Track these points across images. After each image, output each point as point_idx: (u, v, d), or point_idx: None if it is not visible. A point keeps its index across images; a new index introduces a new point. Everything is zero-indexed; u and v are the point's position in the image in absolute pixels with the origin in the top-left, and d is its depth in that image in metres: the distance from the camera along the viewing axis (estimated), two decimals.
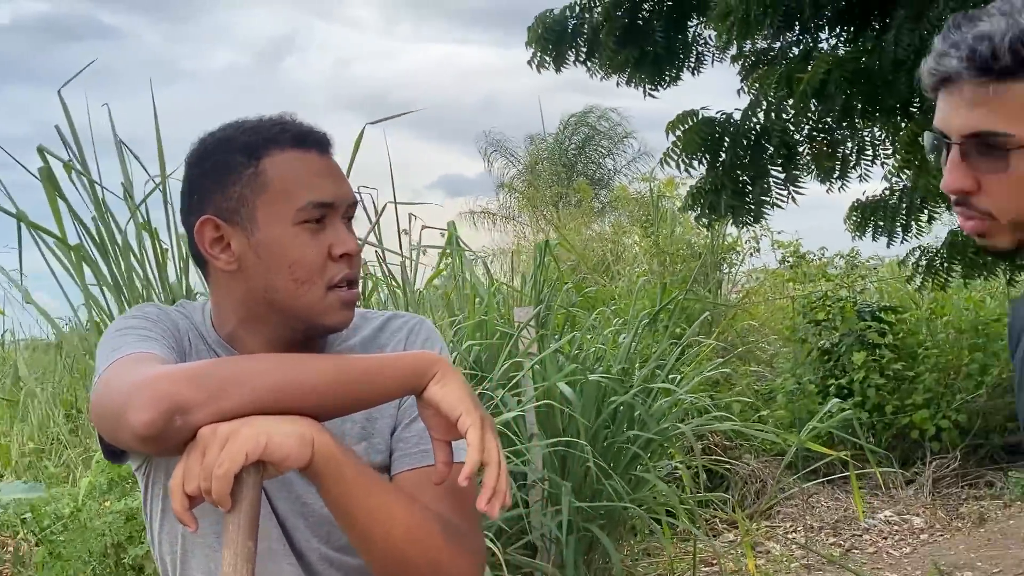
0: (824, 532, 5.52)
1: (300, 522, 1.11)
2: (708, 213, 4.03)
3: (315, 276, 1.06)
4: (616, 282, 8.38)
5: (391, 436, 1.15)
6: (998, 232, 0.98)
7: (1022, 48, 0.89)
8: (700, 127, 3.81)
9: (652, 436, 3.78)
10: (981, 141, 0.94)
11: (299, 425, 0.92)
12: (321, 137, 1.12)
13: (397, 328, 1.21)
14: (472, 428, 0.96)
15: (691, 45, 4.60)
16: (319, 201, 1.07)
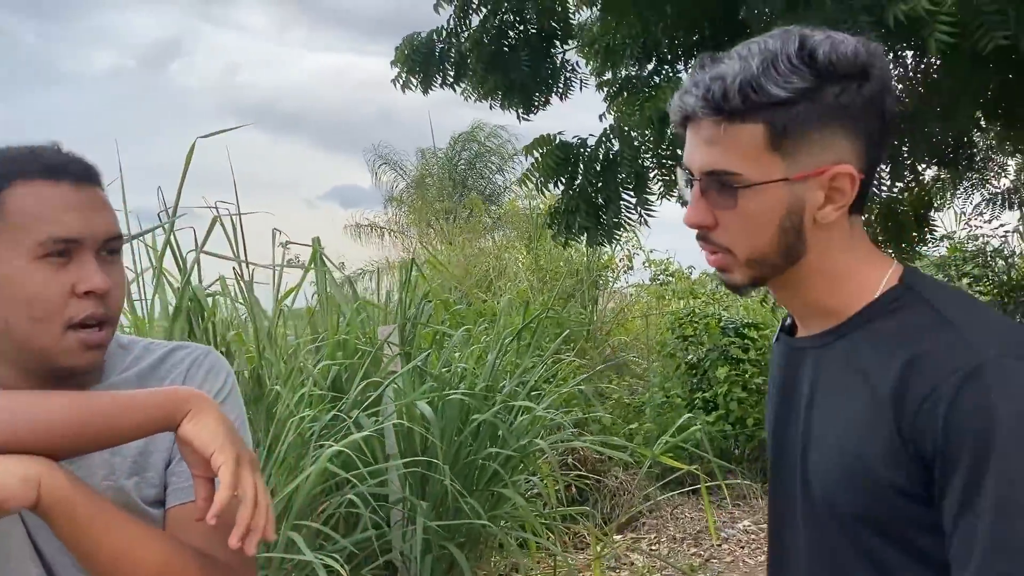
0: (686, 543, 5.71)
1: (65, 559, 1.07)
2: (565, 232, 4.15)
3: (52, 314, 1.03)
4: (498, 298, 8.46)
5: (165, 470, 1.13)
6: (735, 267, 1.01)
7: (750, 91, 0.92)
8: (556, 151, 3.93)
9: (511, 453, 3.84)
10: (716, 178, 0.97)
11: (24, 465, 0.90)
12: (78, 168, 1.07)
13: (179, 360, 1.19)
14: (224, 466, 0.96)
15: (559, 71, 4.72)
16: (61, 236, 1.03)
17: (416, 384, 3.91)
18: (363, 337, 4.16)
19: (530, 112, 4.61)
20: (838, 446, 0.97)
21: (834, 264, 1.00)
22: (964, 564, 0.88)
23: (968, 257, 8.18)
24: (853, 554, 0.97)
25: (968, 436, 0.86)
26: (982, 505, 0.86)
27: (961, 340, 0.90)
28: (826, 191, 0.96)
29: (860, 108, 0.95)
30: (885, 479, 0.92)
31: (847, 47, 0.94)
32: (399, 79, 4.24)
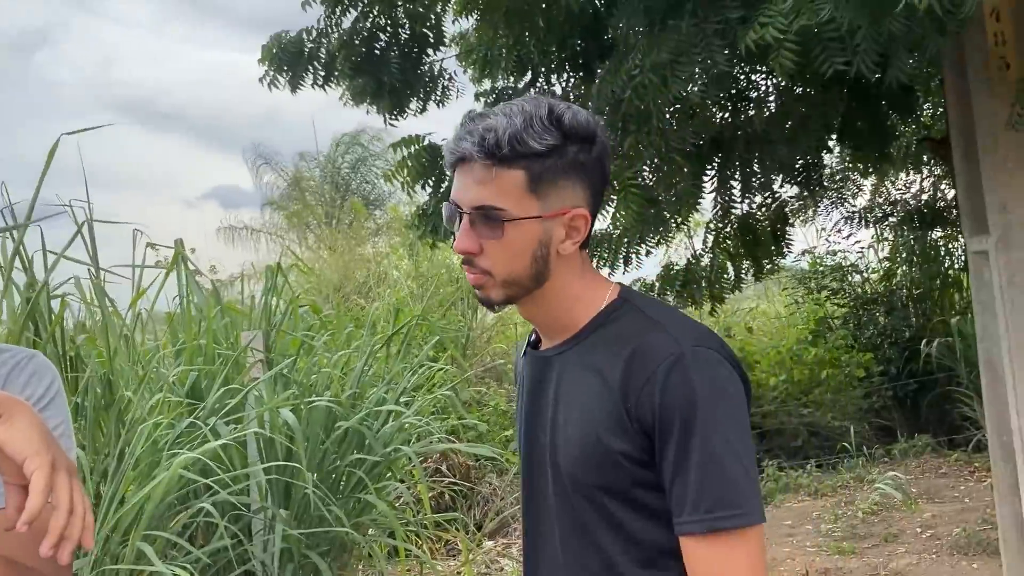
0: None
1: None
2: (430, 234, 4.15)
3: None
4: (376, 304, 8.39)
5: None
6: (493, 287, 1.21)
7: (516, 143, 1.14)
8: (423, 152, 3.93)
9: (377, 459, 3.81)
10: (484, 213, 1.17)
11: None
12: None
13: (1, 363, 1.16)
14: (39, 471, 0.93)
15: (437, 78, 4.72)
16: None
17: (280, 391, 3.84)
18: (225, 343, 4.05)
19: (400, 116, 4.58)
20: (579, 429, 1.19)
21: (570, 287, 1.24)
22: (679, 511, 1.13)
23: (827, 272, 8.65)
24: (596, 517, 1.19)
25: (677, 408, 1.12)
26: (691, 461, 1.11)
27: (667, 336, 1.16)
28: (566, 228, 1.20)
29: (591, 165, 1.20)
30: (617, 450, 1.15)
31: (582, 116, 1.19)
32: (266, 77, 4.15)
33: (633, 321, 1.20)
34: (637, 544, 1.19)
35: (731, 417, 1.14)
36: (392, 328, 4.59)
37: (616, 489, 1.17)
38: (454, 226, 1.22)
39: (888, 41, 2.47)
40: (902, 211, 8.28)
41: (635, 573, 1.19)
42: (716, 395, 1.13)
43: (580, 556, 1.23)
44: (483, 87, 4.97)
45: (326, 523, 3.71)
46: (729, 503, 1.11)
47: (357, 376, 4.16)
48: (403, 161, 3.90)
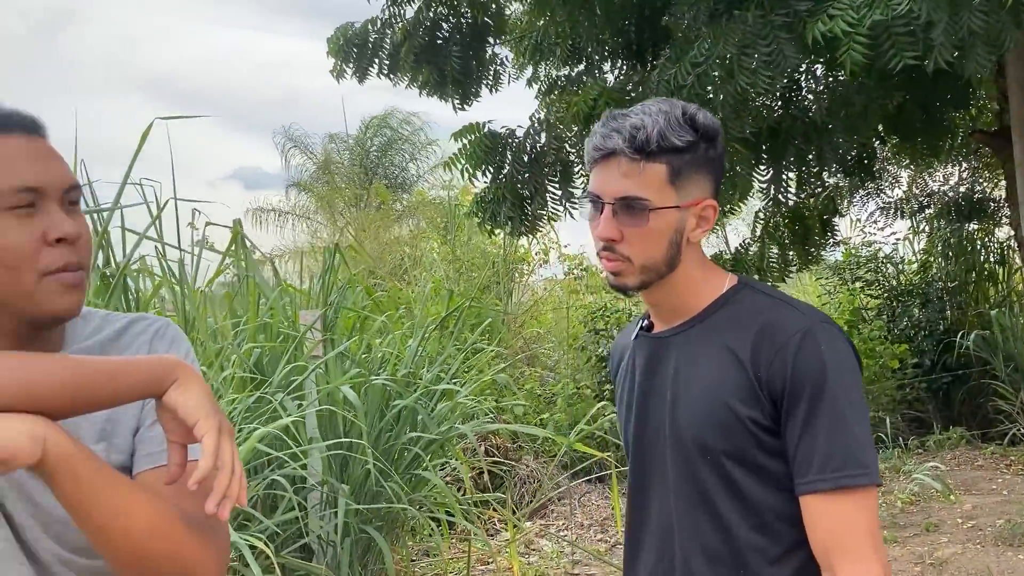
0: (592, 529, 5.88)
1: (32, 523, 1.08)
2: (490, 221, 4.23)
3: (24, 262, 1.02)
4: (412, 287, 8.48)
5: (133, 437, 1.14)
6: (630, 273, 1.31)
7: (661, 140, 1.26)
8: (484, 140, 4.00)
9: (434, 437, 3.90)
10: (628, 203, 1.28)
11: (29, 423, 0.91)
12: (27, 120, 1.07)
13: (141, 330, 1.19)
14: (208, 435, 0.97)
15: (488, 64, 4.79)
16: (24, 186, 1.03)
17: (338, 369, 3.92)
18: (285, 321, 4.14)
19: (465, 104, 4.66)
20: (707, 399, 1.29)
21: (695, 272, 1.35)
22: (806, 471, 1.24)
23: (861, 262, 8.65)
24: (718, 483, 1.29)
25: (808, 376, 1.24)
26: (819, 424, 1.23)
27: (795, 311, 1.30)
28: (697, 218, 1.32)
29: (717, 160, 1.33)
30: (746, 416, 1.26)
31: (710, 117, 1.32)
32: (335, 69, 4.24)
33: (757, 301, 1.33)
34: (754, 508, 1.29)
35: (854, 386, 1.26)
36: (445, 310, 4.67)
37: (741, 454, 1.28)
38: (589, 215, 1.33)
39: (967, 35, 2.51)
40: (939, 203, 8.27)
41: (750, 537, 1.29)
42: (842, 365, 1.25)
43: (696, 523, 1.32)
44: (535, 74, 5.03)
45: (381, 498, 3.80)
46: (856, 462, 1.22)
47: (411, 356, 4.24)
48: (464, 148, 3.97)
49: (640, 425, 1.39)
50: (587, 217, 1.35)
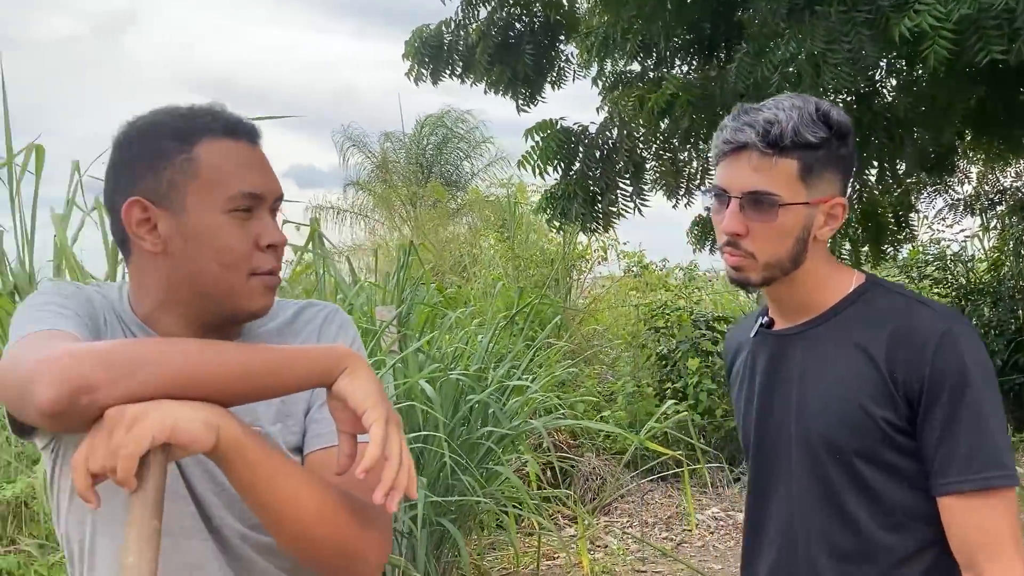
0: (657, 527, 5.88)
1: (215, 500, 1.12)
2: (559, 217, 4.26)
3: (240, 263, 1.08)
4: (471, 284, 8.55)
5: (305, 417, 1.18)
6: (753, 269, 1.31)
7: (795, 135, 1.25)
8: (557, 136, 4.03)
9: (507, 432, 3.95)
10: (756, 197, 1.27)
11: (205, 411, 0.94)
12: (251, 128, 1.13)
13: (311, 317, 1.23)
14: (376, 424, 0.98)
15: (554, 61, 4.81)
16: (249, 192, 1.09)
17: (413, 364, 3.99)
18: (362, 316, 4.23)
19: (532, 103, 4.69)
20: (837, 398, 1.28)
21: (820, 270, 1.33)
22: (946, 472, 1.23)
23: (929, 260, 8.49)
24: (847, 482, 1.28)
25: (947, 377, 1.22)
26: (960, 425, 1.22)
27: (932, 312, 1.28)
28: (826, 216, 1.31)
29: (848, 158, 1.32)
30: (879, 416, 1.25)
31: (842, 114, 1.31)
32: (412, 72, 4.30)
33: (891, 301, 1.31)
34: (886, 507, 1.28)
35: (993, 387, 1.25)
36: (516, 306, 4.72)
37: (872, 453, 1.27)
38: (718, 210, 1.32)
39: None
40: (1012, 200, 8.07)
41: (881, 535, 1.28)
42: (981, 366, 1.24)
43: (822, 521, 1.31)
44: (600, 70, 5.04)
45: (455, 491, 3.86)
46: (999, 464, 1.22)
47: (483, 352, 4.30)
48: (537, 145, 4.00)
49: (762, 423, 1.38)
50: (711, 211, 1.34)
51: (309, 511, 1.02)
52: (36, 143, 3.63)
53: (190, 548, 1.12)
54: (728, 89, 3.47)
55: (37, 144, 3.63)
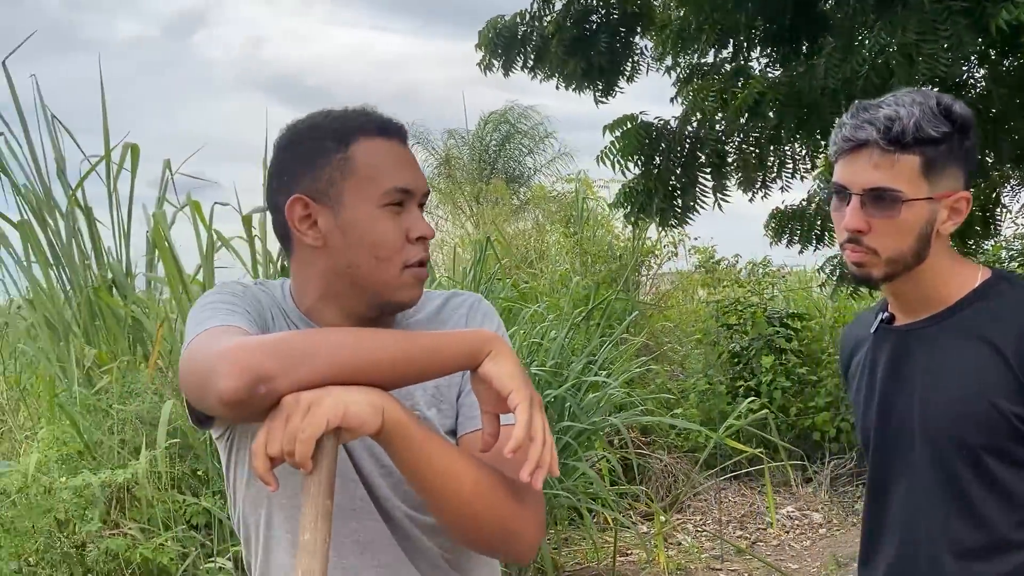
0: (731, 526, 5.82)
1: (382, 482, 1.18)
2: (637, 213, 4.22)
3: (394, 255, 1.14)
4: (539, 279, 8.55)
5: (456, 401, 1.23)
6: (876, 265, 1.31)
7: (917, 131, 1.26)
8: (638, 130, 4.00)
9: (585, 427, 3.95)
10: (878, 194, 1.28)
11: (371, 395, 1.00)
12: (400, 127, 1.20)
13: (457, 305, 1.29)
14: (521, 406, 1.02)
15: (630, 55, 4.78)
16: (402, 187, 1.15)
17: None
18: None
19: (608, 96, 4.65)
20: (963, 393, 1.27)
21: (942, 265, 1.33)
22: None
23: (1013, 255, 8.21)
24: (974, 477, 1.27)
25: None
26: None
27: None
28: (949, 210, 1.31)
29: (971, 152, 1.32)
30: (1011, 412, 1.24)
31: (965, 107, 1.30)
32: (483, 62, 4.32)
33: (1021, 295, 1.31)
34: (1015, 504, 1.27)
35: None
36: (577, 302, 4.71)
37: (1001, 449, 1.26)
38: (838, 207, 1.32)
39: None
40: None
41: (1011, 534, 1.27)
42: None
43: (946, 518, 1.30)
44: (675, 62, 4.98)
45: None
46: None
47: (558, 347, 4.31)
48: (617, 139, 3.98)
49: (883, 419, 1.38)
50: (831, 208, 1.34)
51: (467, 488, 1.07)
52: (132, 143, 3.76)
53: (362, 527, 1.18)
54: (816, 86, 3.40)
55: (132, 144, 3.76)
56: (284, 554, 1.17)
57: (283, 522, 1.18)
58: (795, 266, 9.04)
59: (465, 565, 1.24)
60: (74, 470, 2.79)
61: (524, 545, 1.14)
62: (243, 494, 1.21)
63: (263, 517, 1.19)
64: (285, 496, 1.13)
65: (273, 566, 1.20)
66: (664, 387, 7.22)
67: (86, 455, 3.02)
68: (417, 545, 1.20)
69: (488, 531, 1.11)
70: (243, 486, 1.21)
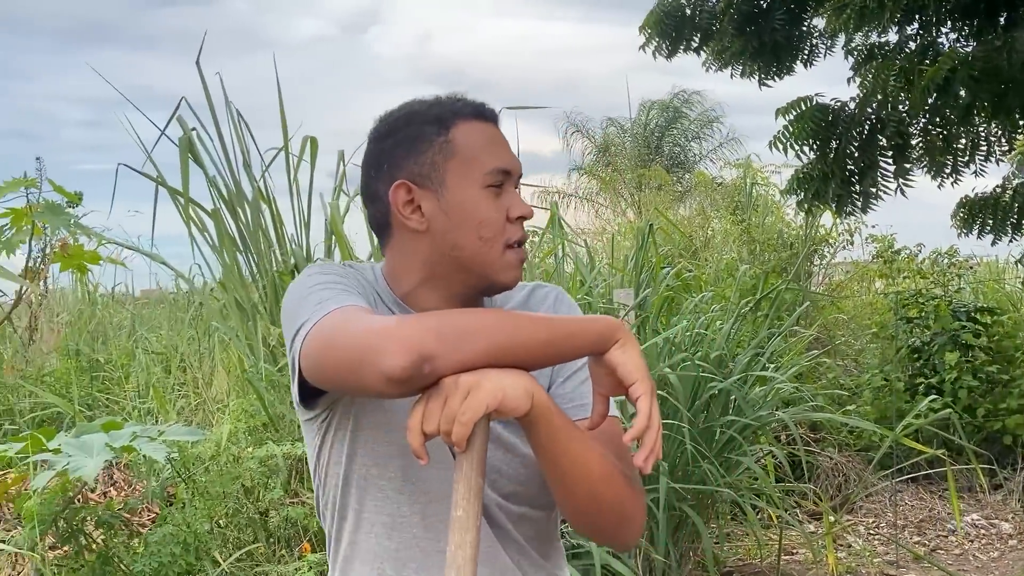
0: (908, 531, 5.49)
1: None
2: (812, 199, 4.04)
3: (497, 235, 1.16)
4: (704, 268, 8.36)
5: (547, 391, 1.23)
6: None
7: None
8: (813, 113, 3.82)
9: (749, 422, 3.83)
10: None
11: (524, 379, 1.02)
12: (492, 111, 1.22)
13: (543, 297, 1.30)
14: (644, 396, 1.05)
15: (806, 36, 4.58)
16: (502, 168, 1.17)
17: (651, 348, 3.97)
18: (599, 300, 4.26)
19: (774, 78, 4.48)
20: None
21: None
22: None
23: None
24: None
25: None
26: None
27: None
28: None
29: None
30: None
31: None
32: (648, 44, 4.26)
33: None
34: None
35: None
36: (744, 292, 4.56)
37: None
38: None
39: None
40: None
41: None
42: None
43: None
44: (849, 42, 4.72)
45: (693, 479, 3.81)
46: None
47: (724, 338, 4.19)
48: (791, 123, 3.82)
49: None
50: None
51: (596, 472, 1.10)
52: (311, 136, 3.98)
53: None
54: (1017, 59, 3.13)
55: (312, 136, 3.98)
56: (371, 536, 1.20)
57: (376, 504, 1.20)
58: (985, 256, 8.38)
59: (547, 554, 1.27)
60: (260, 441, 3.01)
61: (634, 530, 1.17)
62: (337, 475, 1.22)
63: (354, 499, 1.21)
64: (384, 478, 1.17)
65: (361, 547, 1.21)
66: (836, 383, 6.89)
67: (270, 427, 3.24)
68: (505, 534, 1.22)
69: (608, 515, 1.14)
70: (339, 467, 1.21)
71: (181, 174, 3.72)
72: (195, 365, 4.32)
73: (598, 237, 9.74)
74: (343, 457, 1.21)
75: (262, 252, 3.81)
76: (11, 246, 4.01)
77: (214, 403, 3.93)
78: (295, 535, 2.99)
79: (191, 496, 2.77)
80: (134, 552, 2.60)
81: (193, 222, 3.80)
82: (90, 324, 5.80)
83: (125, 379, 4.65)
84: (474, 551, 0.98)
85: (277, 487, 2.85)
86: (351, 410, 1.18)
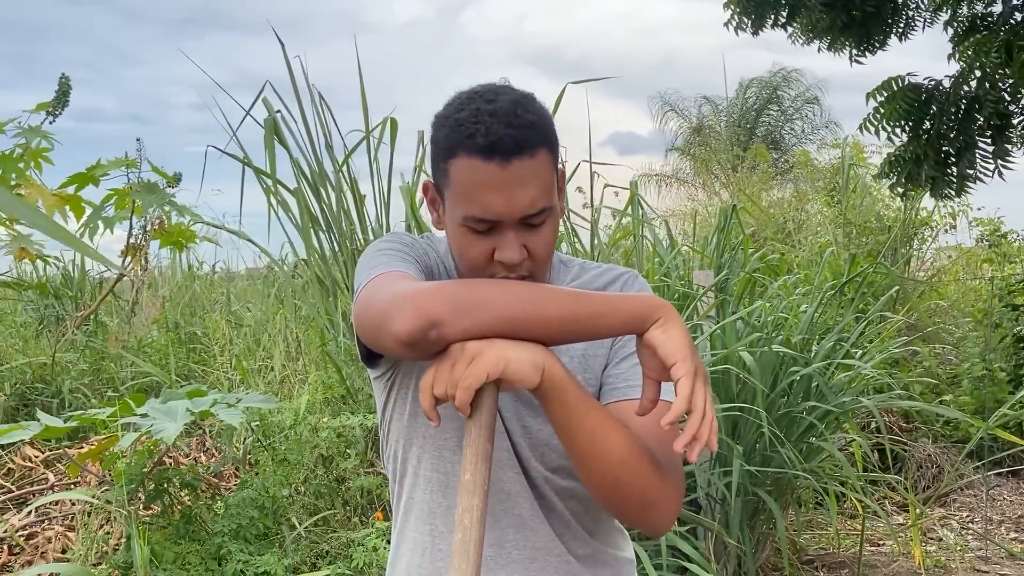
0: (1004, 526, 5.25)
1: (523, 441, 1.23)
2: (905, 183, 3.87)
3: (479, 269, 1.15)
4: (796, 251, 8.14)
5: (602, 372, 1.24)
6: None
7: None
8: (905, 93, 3.66)
9: (831, 408, 3.73)
10: None
11: (533, 352, 1.02)
12: (510, 145, 1.10)
13: (613, 279, 1.30)
14: (684, 378, 1.00)
15: (901, 9, 4.39)
16: (480, 218, 1.11)
17: (731, 331, 3.90)
18: (679, 281, 4.21)
19: (865, 53, 4.31)
20: None
21: None
22: None
23: None
24: None
25: None
26: None
27: None
28: None
29: None
30: None
31: None
32: (731, 22, 4.16)
33: None
34: None
35: None
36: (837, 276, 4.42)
37: None
38: None
39: None
40: None
41: None
42: None
43: None
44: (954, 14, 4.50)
45: (770, 463, 3.74)
46: None
47: (807, 322, 4.08)
48: (882, 104, 3.68)
49: None
50: None
51: (615, 453, 1.07)
52: (391, 116, 4.06)
53: (505, 477, 1.23)
54: None
55: (392, 118, 4.06)
56: (427, 492, 1.26)
57: (432, 462, 1.25)
58: None
59: (595, 529, 1.27)
60: (337, 412, 3.11)
61: (660, 517, 1.14)
62: (399, 432, 1.28)
63: (413, 456, 1.27)
64: (442, 437, 1.22)
65: (416, 502, 1.27)
66: (932, 371, 6.63)
67: (348, 399, 3.35)
68: (551, 506, 1.23)
69: (628, 499, 1.11)
70: (401, 423, 1.27)
71: (267, 155, 3.85)
72: (279, 339, 4.49)
73: (689, 219, 9.58)
74: (405, 415, 1.26)
75: (344, 231, 3.91)
76: (111, 223, 4.26)
77: (296, 376, 4.09)
78: (369, 504, 3.09)
79: (271, 463, 2.90)
80: (216, 513, 2.74)
81: (277, 200, 3.93)
82: (186, 298, 6.09)
83: (220, 352, 4.87)
84: (481, 514, 0.99)
85: (352, 456, 2.95)
86: (413, 370, 1.23)
